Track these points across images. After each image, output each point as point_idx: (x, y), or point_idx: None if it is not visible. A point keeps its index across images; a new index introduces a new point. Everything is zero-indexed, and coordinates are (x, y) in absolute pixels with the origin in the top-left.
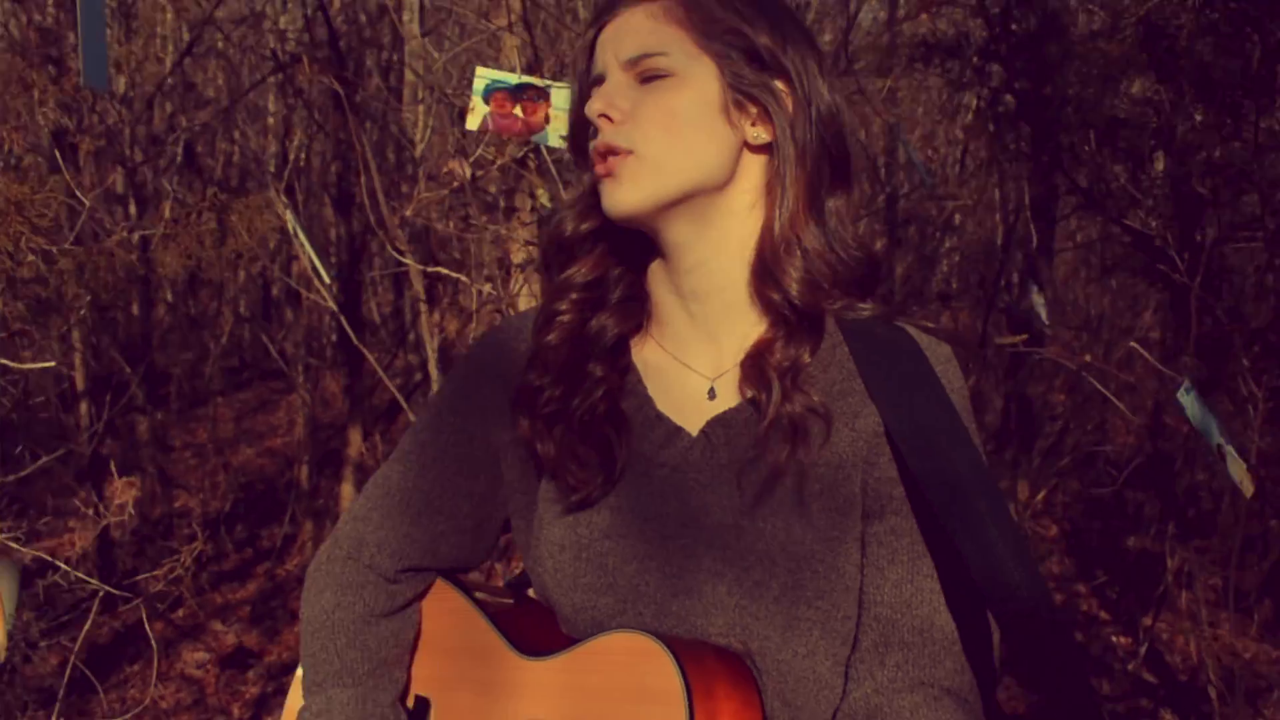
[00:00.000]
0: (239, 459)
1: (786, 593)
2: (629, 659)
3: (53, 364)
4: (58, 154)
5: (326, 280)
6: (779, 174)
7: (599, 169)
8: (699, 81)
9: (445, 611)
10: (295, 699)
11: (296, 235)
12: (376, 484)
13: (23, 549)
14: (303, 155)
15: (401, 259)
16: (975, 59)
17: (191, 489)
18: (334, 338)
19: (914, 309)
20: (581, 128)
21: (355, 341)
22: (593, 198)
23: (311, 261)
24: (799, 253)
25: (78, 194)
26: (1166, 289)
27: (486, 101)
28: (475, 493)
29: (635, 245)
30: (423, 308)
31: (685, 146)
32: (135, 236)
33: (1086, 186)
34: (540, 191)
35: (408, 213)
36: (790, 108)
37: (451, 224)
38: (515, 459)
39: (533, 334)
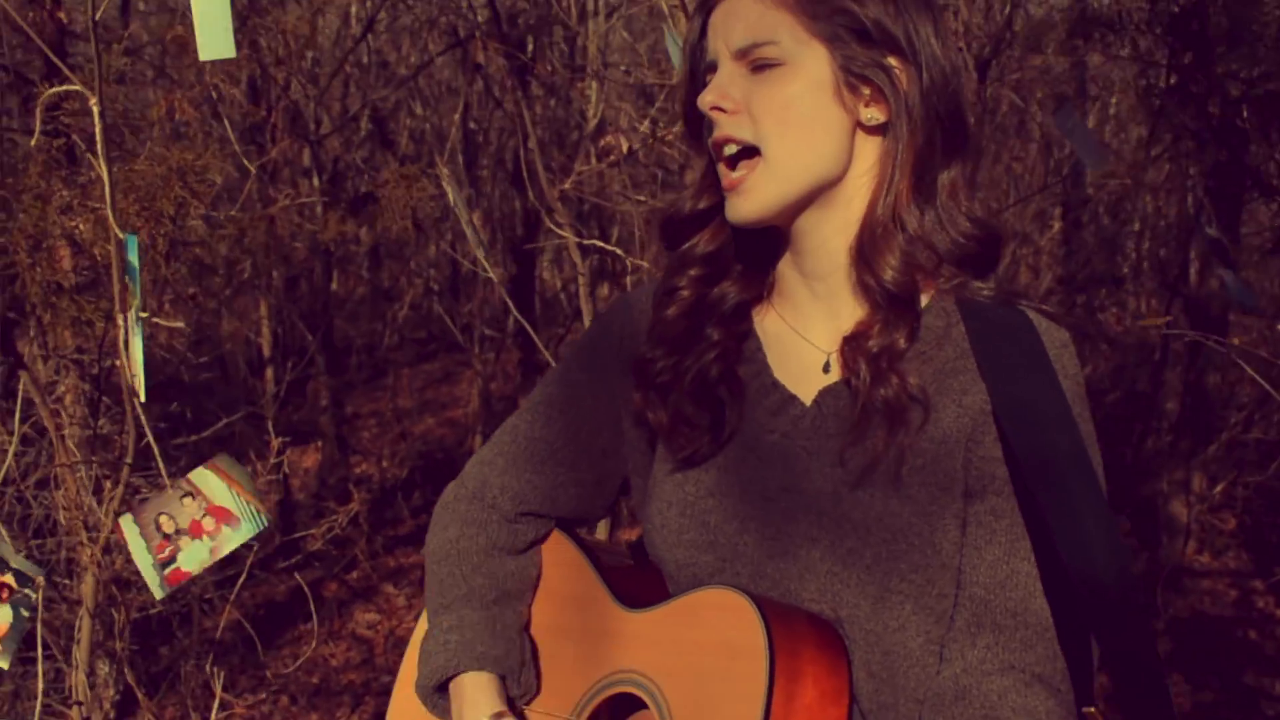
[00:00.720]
0: (420, 428)
1: (879, 564)
2: (719, 614)
3: (180, 323)
4: (227, 124)
5: (483, 254)
6: (891, 154)
7: (725, 181)
8: (810, 68)
9: (560, 563)
10: (417, 643)
11: (457, 208)
12: (504, 432)
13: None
14: (482, 131)
15: (559, 232)
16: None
17: (370, 456)
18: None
19: (1092, 293)
20: (694, 110)
21: (516, 314)
22: (710, 177)
23: (473, 235)
24: (899, 237)
25: (245, 163)
26: None
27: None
28: (596, 448)
29: None
30: (581, 280)
31: (802, 140)
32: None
33: (1254, 166)
34: None
35: (565, 186)
36: (904, 83)
37: (621, 199)
38: (636, 421)
39: (652, 308)
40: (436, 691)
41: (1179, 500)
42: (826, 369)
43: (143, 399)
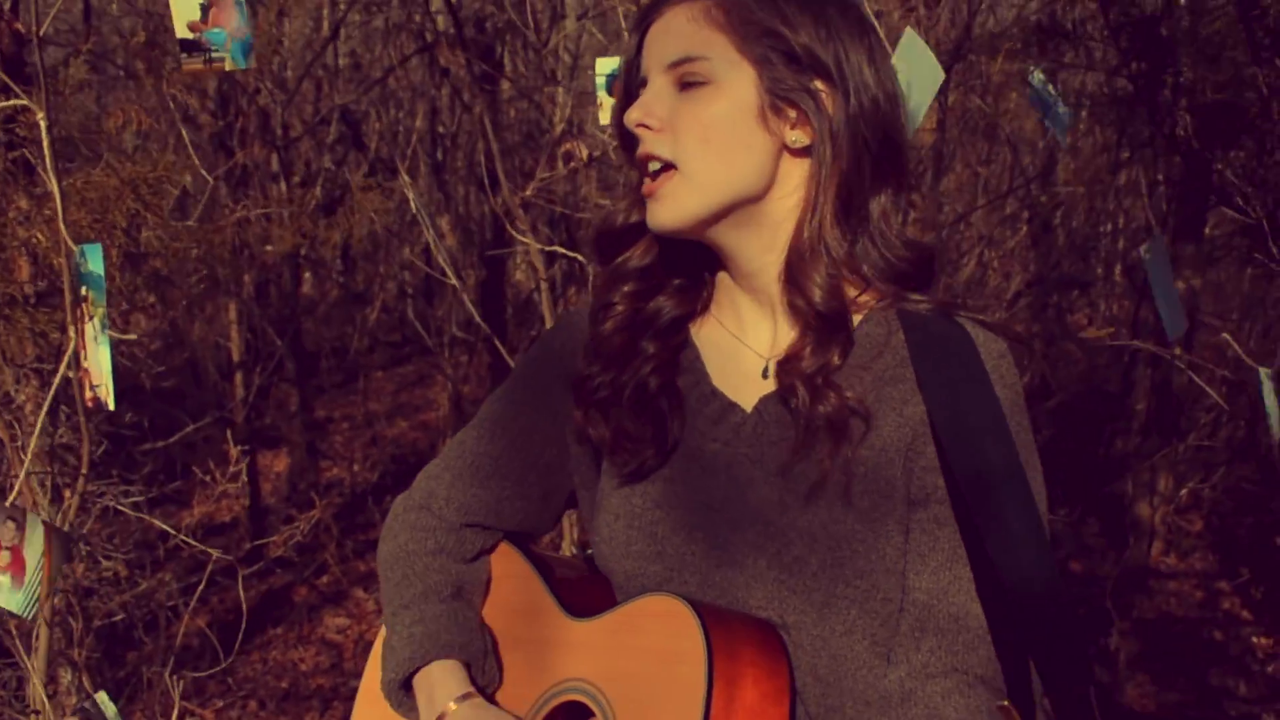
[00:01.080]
0: (392, 432)
1: (825, 570)
2: (660, 621)
3: (133, 336)
4: (184, 133)
5: (444, 260)
6: (815, 177)
7: (644, 188)
8: (736, 89)
9: (508, 575)
10: (377, 653)
11: (420, 216)
12: (452, 447)
13: (145, 515)
14: (449, 135)
15: (520, 239)
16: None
17: (342, 460)
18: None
19: (1062, 295)
20: (624, 114)
21: (479, 320)
22: (640, 190)
23: (435, 242)
24: (825, 259)
25: (203, 173)
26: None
27: (609, 93)
28: (540, 463)
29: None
30: (543, 286)
31: (721, 159)
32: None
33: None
34: None
35: (527, 193)
36: (831, 108)
37: (588, 205)
38: (579, 438)
39: (589, 324)
40: (402, 688)
41: (1145, 502)
42: (765, 374)
43: (111, 407)
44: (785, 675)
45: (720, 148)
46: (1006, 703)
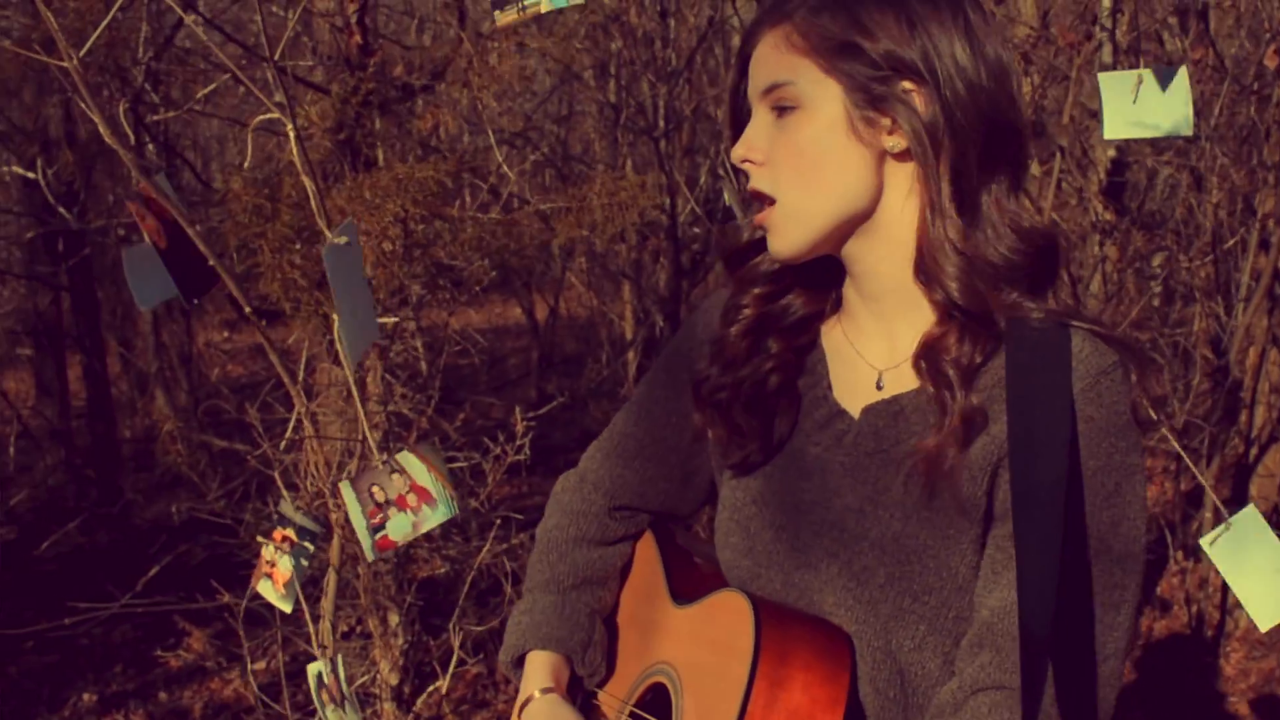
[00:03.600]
0: None
1: (893, 583)
2: (728, 615)
3: (395, 319)
4: (490, 134)
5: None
6: (924, 178)
7: (757, 218)
8: (824, 108)
9: (644, 559)
10: None
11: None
12: (609, 426)
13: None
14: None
15: None
16: None
17: None
18: None
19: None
20: (738, 133)
21: None
22: None
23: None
24: (953, 254)
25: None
26: None
27: None
28: (681, 446)
29: None
30: None
31: (820, 186)
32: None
33: None
34: None
35: None
36: (921, 106)
37: None
38: (699, 433)
39: (719, 323)
40: (515, 667)
41: None
42: (879, 385)
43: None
44: (844, 683)
45: (815, 175)
46: None
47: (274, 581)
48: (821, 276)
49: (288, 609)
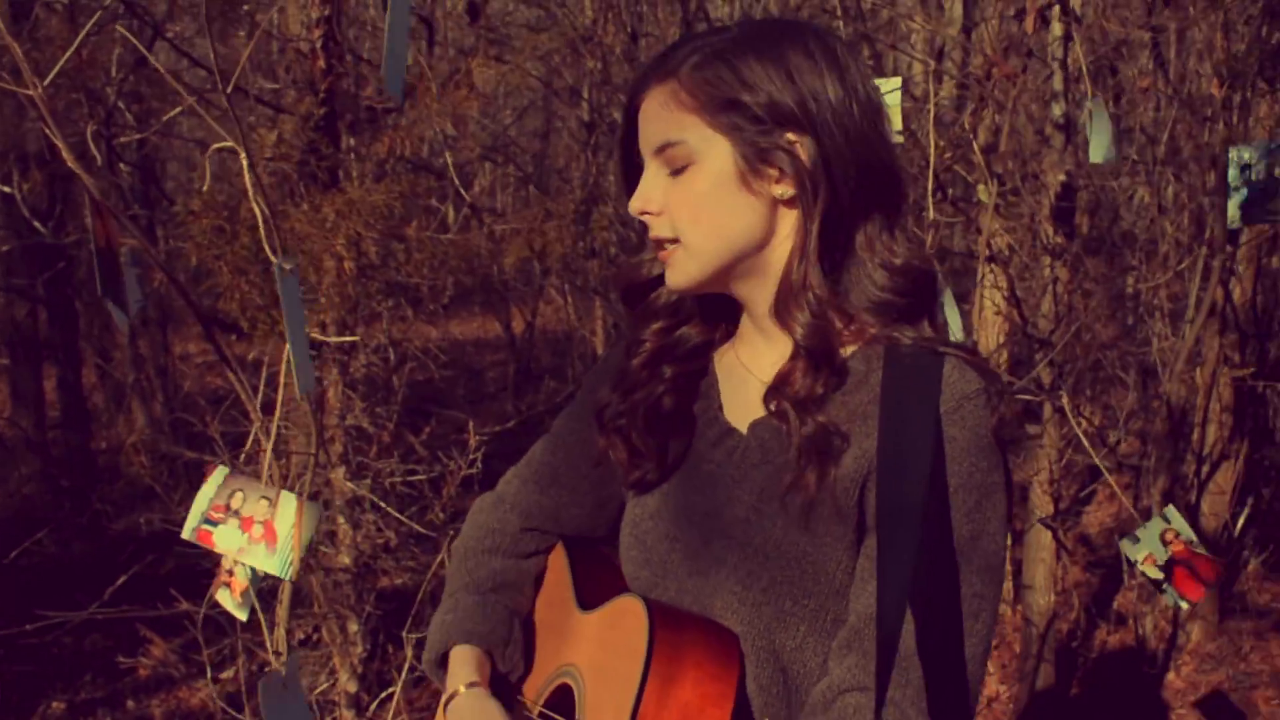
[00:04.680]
0: None
1: (775, 587)
2: (626, 618)
3: (355, 338)
4: (448, 157)
5: None
6: (802, 222)
7: (659, 255)
8: (715, 162)
9: (555, 570)
10: None
11: None
12: (527, 454)
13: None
14: None
15: None
16: None
17: None
18: None
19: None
20: (629, 180)
21: None
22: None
23: None
24: (808, 297)
25: (462, 192)
26: None
27: None
28: (592, 475)
29: None
30: None
31: (715, 229)
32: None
33: None
34: None
35: None
36: (805, 155)
37: None
38: (602, 458)
39: (623, 356)
40: (439, 666)
41: None
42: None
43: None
44: (732, 680)
45: (711, 222)
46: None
47: (232, 590)
48: (714, 308)
49: (243, 617)
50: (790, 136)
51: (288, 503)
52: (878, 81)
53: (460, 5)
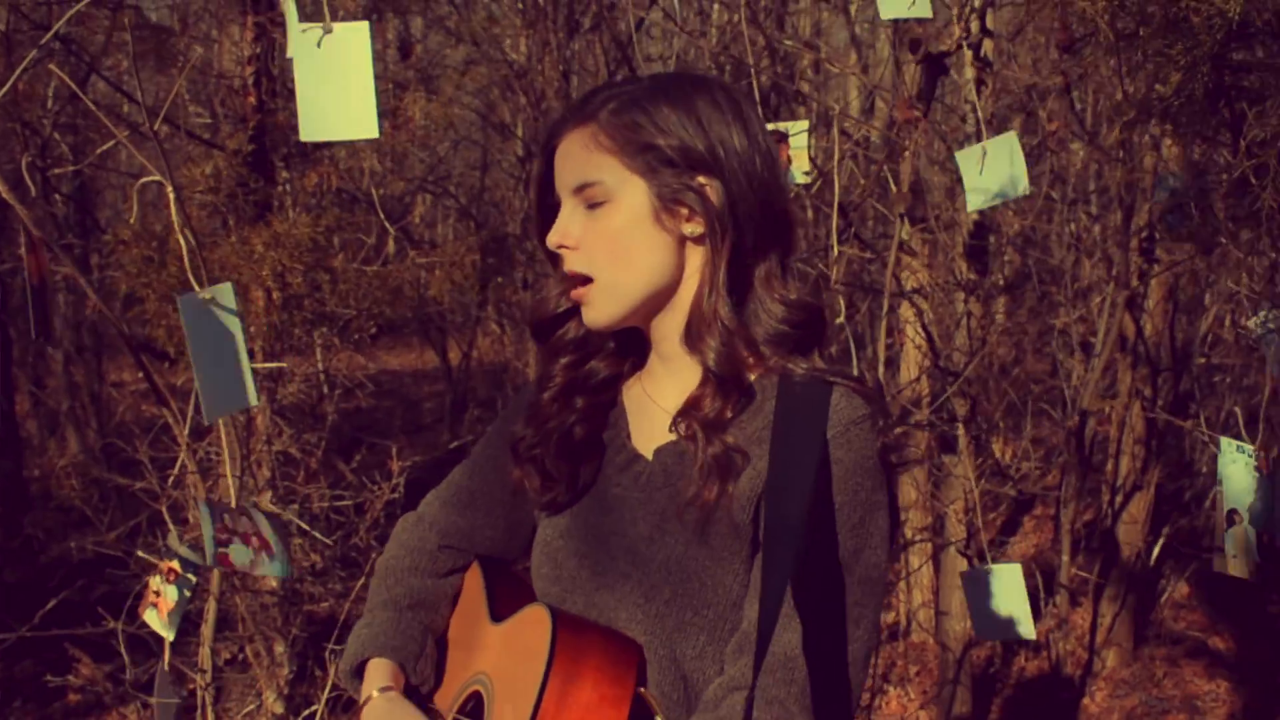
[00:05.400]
0: None
1: (676, 599)
2: (532, 626)
3: (282, 364)
4: (375, 193)
5: None
6: (710, 259)
7: (573, 294)
8: (631, 200)
9: (471, 587)
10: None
11: None
12: (448, 477)
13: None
14: None
15: None
16: None
17: None
18: None
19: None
20: (543, 218)
21: None
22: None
23: None
24: (717, 329)
25: (387, 225)
26: None
27: None
28: (505, 501)
29: None
30: None
31: (630, 266)
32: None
33: None
34: None
35: None
36: (714, 197)
37: None
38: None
39: (535, 391)
40: (355, 677)
41: None
42: (673, 429)
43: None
44: (630, 684)
45: (625, 258)
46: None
47: (159, 610)
48: (621, 343)
49: (170, 636)
50: (701, 179)
51: (259, 516)
52: (787, 125)
53: (392, 45)
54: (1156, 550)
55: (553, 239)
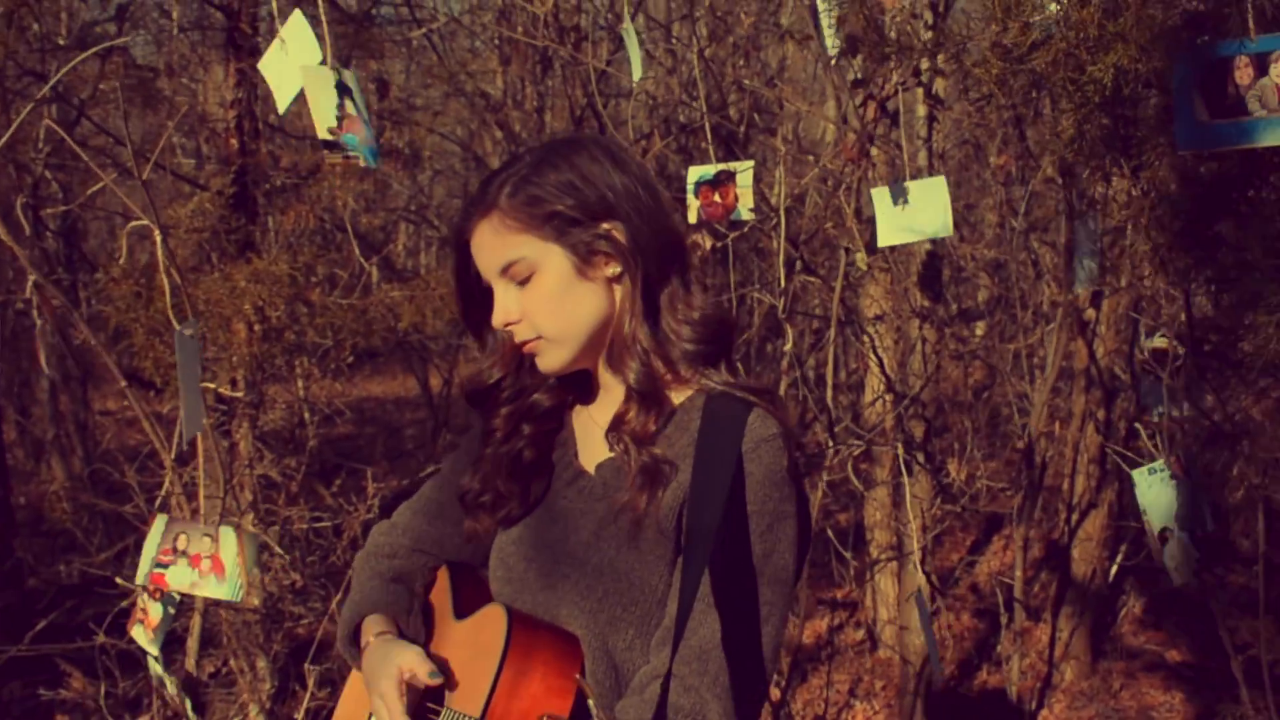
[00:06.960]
0: None
1: (608, 597)
2: (489, 623)
3: (240, 394)
4: (350, 229)
5: None
6: (628, 291)
7: (525, 347)
8: (554, 265)
9: (438, 587)
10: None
11: None
12: (420, 490)
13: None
14: None
15: None
16: None
17: None
18: None
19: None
20: (466, 302)
21: None
22: (499, 350)
23: None
24: (636, 351)
25: (361, 260)
26: None
27: (696, 195)
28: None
29: None
30: None
31: (572, 319)
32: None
33: None
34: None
35: None
36: (620, 235)
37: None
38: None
39: (478, 446)
40: (352, 645)
41: None
42: (609, 444)
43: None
44: (572, 678)
45: (565, 315)
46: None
47: (145, 626)
48: (561, 378)
49: (155, 651)
50: (605, 225)
51: (228, 536)
52: (734, 165)
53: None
54: (1114, 568)
55: (498, 320)
